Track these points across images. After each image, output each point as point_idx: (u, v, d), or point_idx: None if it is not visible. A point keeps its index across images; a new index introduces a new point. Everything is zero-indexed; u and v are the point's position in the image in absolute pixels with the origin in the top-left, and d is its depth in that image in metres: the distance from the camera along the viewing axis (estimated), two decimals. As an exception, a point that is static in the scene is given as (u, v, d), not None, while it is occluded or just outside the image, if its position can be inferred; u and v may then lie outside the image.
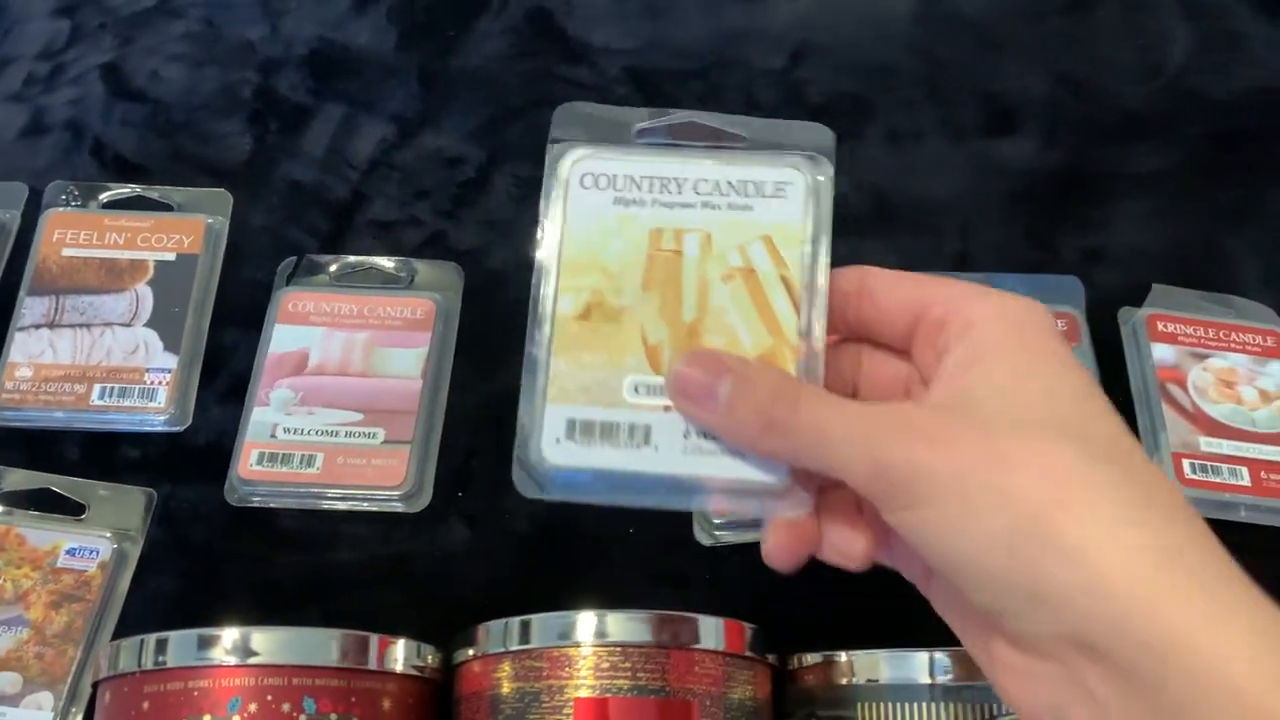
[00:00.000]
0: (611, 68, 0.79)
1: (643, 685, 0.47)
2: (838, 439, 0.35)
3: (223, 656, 0.46)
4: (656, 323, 0.40)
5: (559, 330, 0.40)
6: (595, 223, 0.41)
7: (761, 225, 0.41)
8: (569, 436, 0.39)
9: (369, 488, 0.59)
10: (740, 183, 0.42)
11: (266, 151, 0.73)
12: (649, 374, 0.39)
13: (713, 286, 0.40)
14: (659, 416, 0.39)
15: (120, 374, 0.62)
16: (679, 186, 0.42)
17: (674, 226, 0.41)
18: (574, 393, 0.39)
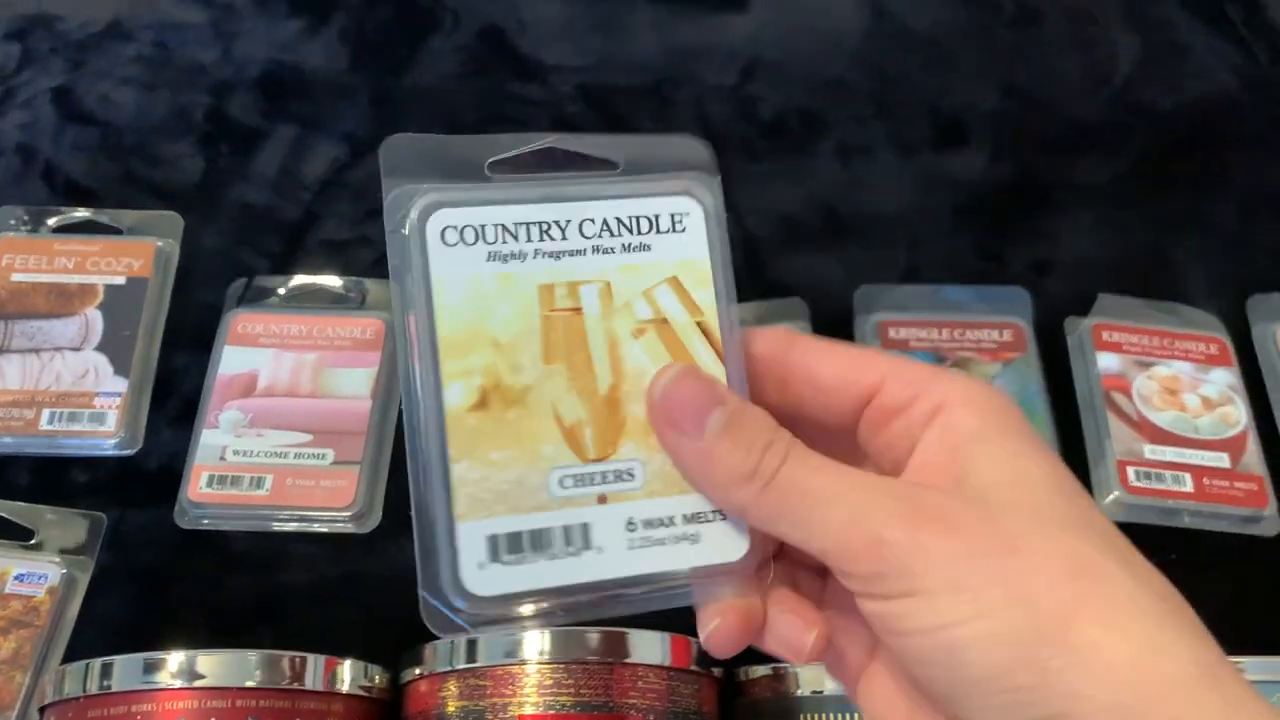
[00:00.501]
0: (564, 85, 0.80)
1: (586, 701, 0.47)
2: (829, 505, 0.30)
3: (167, 680, 0.46)
4: (569, 398, 0.34)
5: (453, 428, 0.33)
6: (470, 287, 0.33)
7: (665, 265, 0.35)
8: (494, 558, 0.32)
9: (319, 509, 0.59)
10: (632, 218, 0.35)
11: (218, 173, 0.73)
12: (574, 461, 0.33)
13: (624, 344, 0.34)
14: (595, 510, 0.33)
15: (70, 398, 0.62)
16: (562, 230, 0.35)
17: (566, 279, 0.34)
18: (489, 502, 0.32)
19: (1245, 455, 0.64)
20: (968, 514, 0.30)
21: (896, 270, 0.73)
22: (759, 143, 0.79)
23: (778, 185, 0.77)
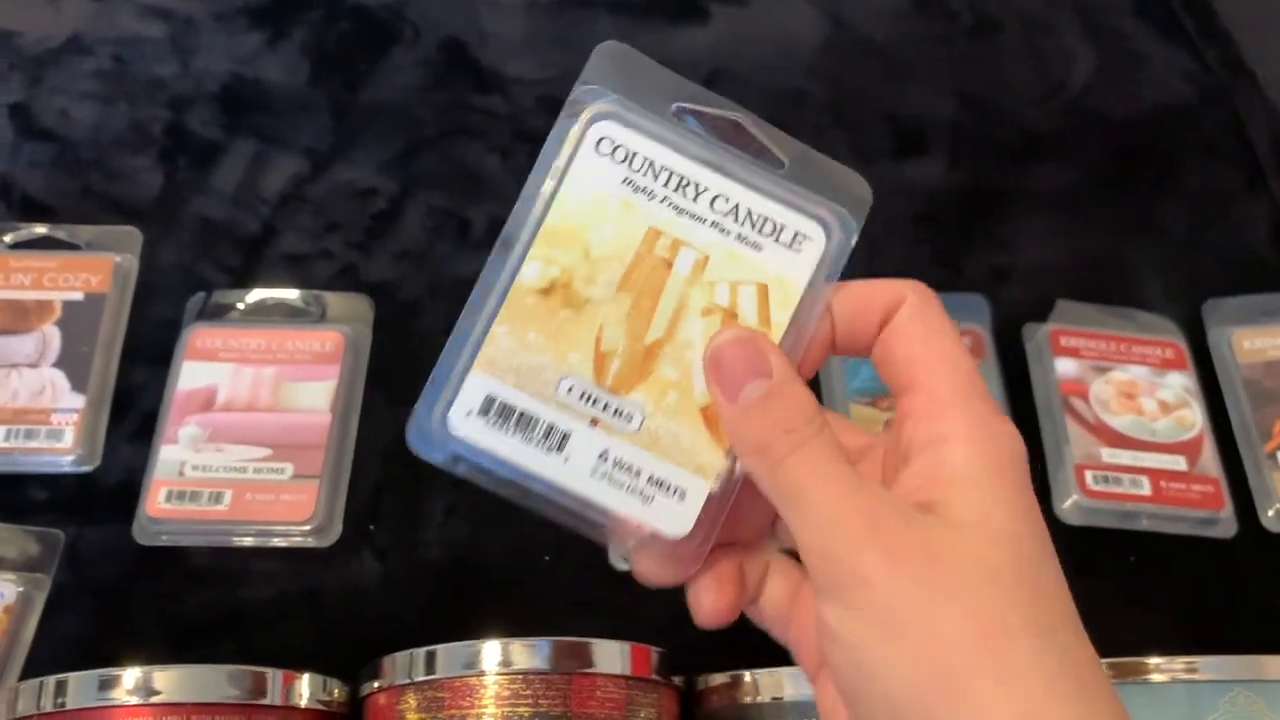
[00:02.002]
0: (525, 98, 0.80)
1: (544, 712, 0.47)
2: (808, 507, 0.32)
3: (124, 696, 0.46)
4: (617, 329, 0.36)
5: (513, 296, 0.36)
6: (595, 196, 0.36)
7: (764, 270, 0.37)
8: (482, 412, 0.35)
9: (278, 523, 0.59)
10: (760, 217, 0.37)
11: (177, 188, 0.73)
12: (588, 379, 0.36)
13: (689, 313, 0.36)
14: (582, 428, 0.35)
15: (27, 415, 0.62)
16: (697, 193, 0.37)
17: (675, 234, 0.37)
18: (504, 369, 0.35)
19: (1202, 458, 0.65)
20: (919, 552, 0.31)
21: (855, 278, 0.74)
22: (719, 153, 0.79)
23: (738, 195, 0.77)
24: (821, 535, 0.32)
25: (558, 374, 0.35)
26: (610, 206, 0.36)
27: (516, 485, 0.35)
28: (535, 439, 0.35)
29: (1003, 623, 0.30)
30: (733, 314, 0.36)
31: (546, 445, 0.35)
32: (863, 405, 0.66)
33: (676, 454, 0.36)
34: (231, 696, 0.47)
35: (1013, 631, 0.30)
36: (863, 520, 0.32)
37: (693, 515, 0.35)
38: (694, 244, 0.37)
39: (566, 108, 0.37)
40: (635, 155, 0.37)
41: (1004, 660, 0.30)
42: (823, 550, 0.32)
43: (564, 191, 0.36)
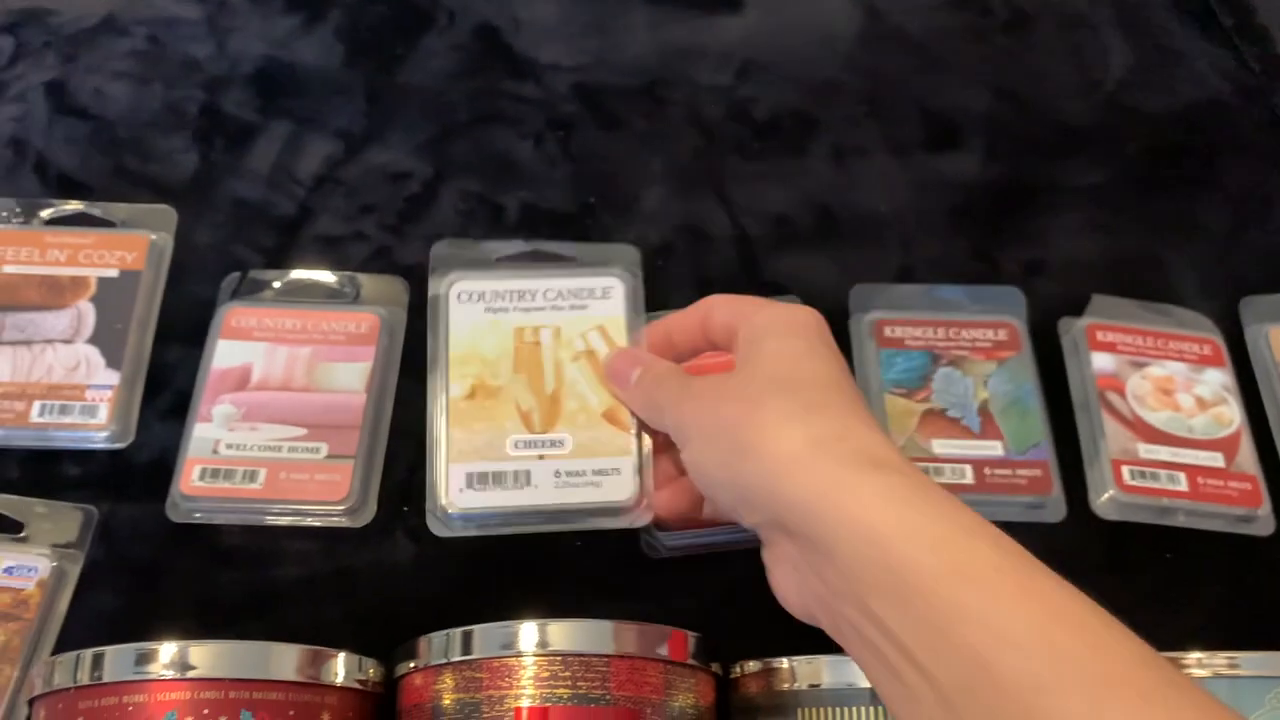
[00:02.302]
0: (559, 85, 0.80)
1: (583, 694, 0.47)
2: (664, 404, 0.50)
3: (159, 671, 0.45)
4: (526, 395, 0.55)
5: (452, 408, 0.55)
6: (472, 326, 0.56)
7: (596, 318, 0.57)
8: (469, 486, 0.53)
9: (312, 503, 0.59)
10: (577, 289, 0.57)
11: (211, 169, 0.73)
12: (525, 433, 0.54)
13: (565, 365, 0.56)
14: (536, 464, 0.53)
15: (61, 391, 0.61)
16: (533, 296, 0.57)
17: (532, 324, 0.57)
18: (469, 453, 0.53)
19: (1239, 455, 0.64)
20: (726, 389, 0.46)
21: (890, 270, 0.74)
22: (753, 143, 0.79)
23: (771, 185, 0.77)
24: (655, 408, 0.51)
25: (503, 438, 0.54)
26: (484, 327, 0.57)
27: (512, 520, 0.53)
28: (509, 485, 0.53)
29: (791, 405, 0.43)
30: (591, 351, 0.56)
31: (518, 484, 0.53)
32: (898, 396, 0.65)
33: (601, 450, 0.54)
34: (268, 673, 0.46)
35: (790, 412, 0.43)
36: (679, 388, 0.49)
37: (631, 480, 0.53)
38: (546, 324, 0.57)
39: (431, 288, 0.58)
40: (485, 292, 0.57)
41: (784, 420, 0.42)
42: (657, 415, 0.51)
43: (452, 333, 0.56)
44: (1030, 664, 0.34)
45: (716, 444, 0.45)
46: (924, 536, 0.37)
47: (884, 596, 0.37)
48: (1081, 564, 0.62)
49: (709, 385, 0.47)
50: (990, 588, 0.36)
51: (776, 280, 0.72)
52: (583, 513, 0.54)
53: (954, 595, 0.36)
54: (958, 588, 0.36)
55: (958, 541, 0.37)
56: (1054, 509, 0.63)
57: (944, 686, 0.36)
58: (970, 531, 0.37)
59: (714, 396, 0.46)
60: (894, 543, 0.37)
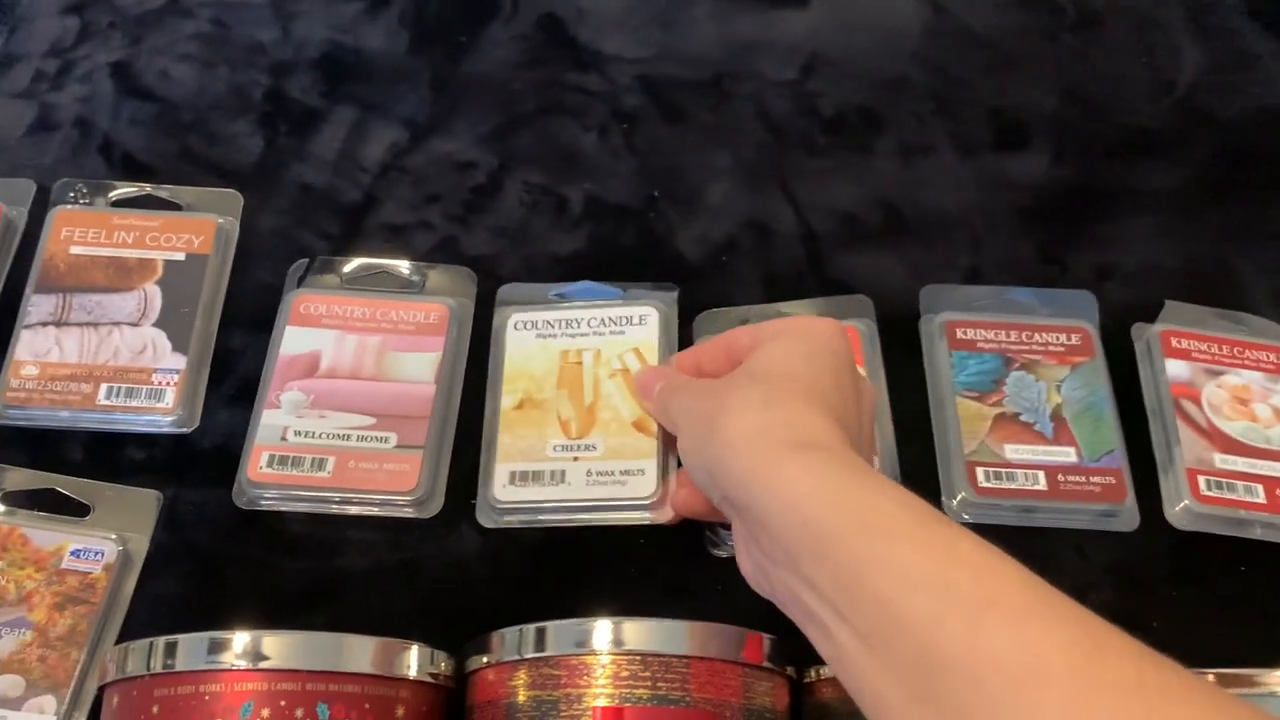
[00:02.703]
0: (623, 76, 0.79)
1: (663, 695, 0.46)
2: (670, 405, 0.55)
3: (234, 660, 0.45)
4: (567, 406, 0.62)
5: (504, 417, 0.62)
6: (524, 349, 0.64)
7: (633, 342, 0.64)
8: (511, 482, 0.60)
9: (381, 492, 0.58)
10: (617, 317, 0.65)
11: (276, 153, 0.73)
12: (563, 438, 0.61)
13: (602, 382, 0.63)
14: (570, 464, 0.60)
15: (128, 374, 0.61)
16: (579, 323, 0.65)
17: (576, 347, 0.64)
18: (514, 454, 0.60)
19: (1316, 467, 0.63)
20: (713, 385, 0.51)
21: (958, 270, 0.72)
22: (819, 139, 0.78)
23: (838, 182, 0.76)
24: (660, 408, 0.57)
25: (544, 442, 0.61)
26: (534, 350, 0.64)
27: (550, 512, 0.60)
28: (545, 482, 0.60)
29: (760, 397, 0.47)
30: (626, 369, 0.63)
31: (553, 482, 0.60)
32: (969, 399, 0.64)
33: (629, 453, 0.60)
34: (345, 665, 0.46)
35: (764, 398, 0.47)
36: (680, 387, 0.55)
37: (654, 479, 0.59)
38: (587, 348, 0.64)
39: (495, 321, 0.66)
40: (537, 321, 0.65)
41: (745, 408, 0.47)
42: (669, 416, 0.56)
43: (508, 355, 0.64)
44: (927, 600, 0.38)
45: (695, 430, 0.50)
46: (836, 499, 0.42)
47: (807, 556, 0.42)
48: (1153, 574, 0.61)
49: (702, 384, 0.53)
50: (892, 538, 0.40)
51: (841, 278, 0.71)
52: (609, 507, 0.59)
53: (862, 547, 0.40)
54: (865, 540, 0.40)
55: (866, 501, 0.41)
56: (1127, 518, 0.62)
57: (861, 630, 0.40)
58: (878, 492, 0.42)
59: (702, 392, 0.52)
60: (811, 507, 0.42)
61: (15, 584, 0.55)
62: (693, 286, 0.70)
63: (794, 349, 0.50)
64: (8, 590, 0.54)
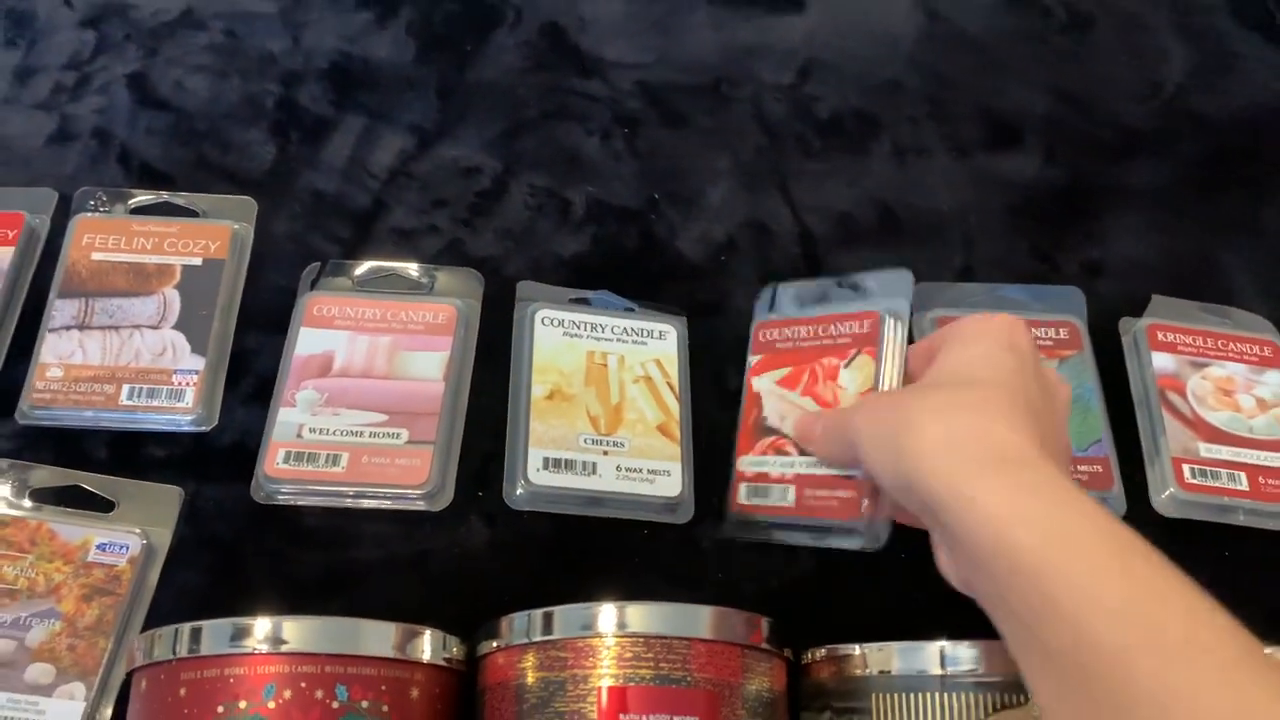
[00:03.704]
0: (624, 82, 0.81)
1: (665, 675, 0.48)
2: (845, 433, 0.52)
3: (257, 644, 0.47)
4: (595, 403, 0.65)
5: (534, 405, 0.64)
6: (552, 345, 0.67)
7: (654, 353, 0.68)
8: (545, 468, 0.62)
9: (393, 486, 0.61)
10: (639, 329, 0.69)
11: (288, 161, 0.75)
12: (593, 432, 0.64)
13: (628, 385, 0.66)
14: (600, 458, 0.63)
15: (149, 375, 0.63)
16: (603, 329, 0.68)
17: (601, 350, 0.67)
18: (546, 441, 0.63)
19: (1299, 456, 0.65)
20: (893, 397, 0.53)
21: (951, 269, 0.75)
22: (815, 141, 0.80)
23: (834, 183, 0.78)
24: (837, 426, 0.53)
25: (575, 434, 0.64)
26: (562, 347, 0.67)
27: (580, 502, 0.63)
28: (579, 471, 0.63)
29: (915, 406, 0.47)
30: (649, 378, 0.67)
31: (585, 472, 0.63)
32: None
33: (655, 454, 0.64)
34: (363, 649, 0.48)
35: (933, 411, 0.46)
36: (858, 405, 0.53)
37: (678, 481, 0.63)
38: (612, 352, 0.67)
39: (519, 314, 0.68)
40: (563, 319, 0.68)
41: (938, 412, 0.46)
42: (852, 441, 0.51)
43: (536, 348, 0.66)
44: (1119, 628, 0.38)
45: (881, 446, 0.48)
46: (1030, 520, 0.41)
47: (1000, 573, 0.41)
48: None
49: (878, 397, 0.53)
50: (1088, 562, 0.39)
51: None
52: (638, 503, 0.63)
53: (1055, 569, 0.40)
54: (1059, 563, 0.40)
55: (1062, 524, 0.41)
56: (1114, 505, 0.64)
57: (1050, 649, 0.40)
58: (1077, 515, 0.41)
59: (883, 405, 0.51)
60: (1004, 528, 0.41)
61: (45, 576, 0.57)
62: (693, 286, 0.72)
63: (973, 352, 0.49)
64: (37, 583, 0.57)
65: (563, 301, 0.69)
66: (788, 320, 0.61)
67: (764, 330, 0.61)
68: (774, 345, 0.61)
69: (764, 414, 0.59)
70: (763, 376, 0.60)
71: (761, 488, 0.57)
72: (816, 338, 0.59)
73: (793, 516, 0.55)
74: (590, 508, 0.63)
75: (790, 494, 0.56)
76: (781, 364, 0.60)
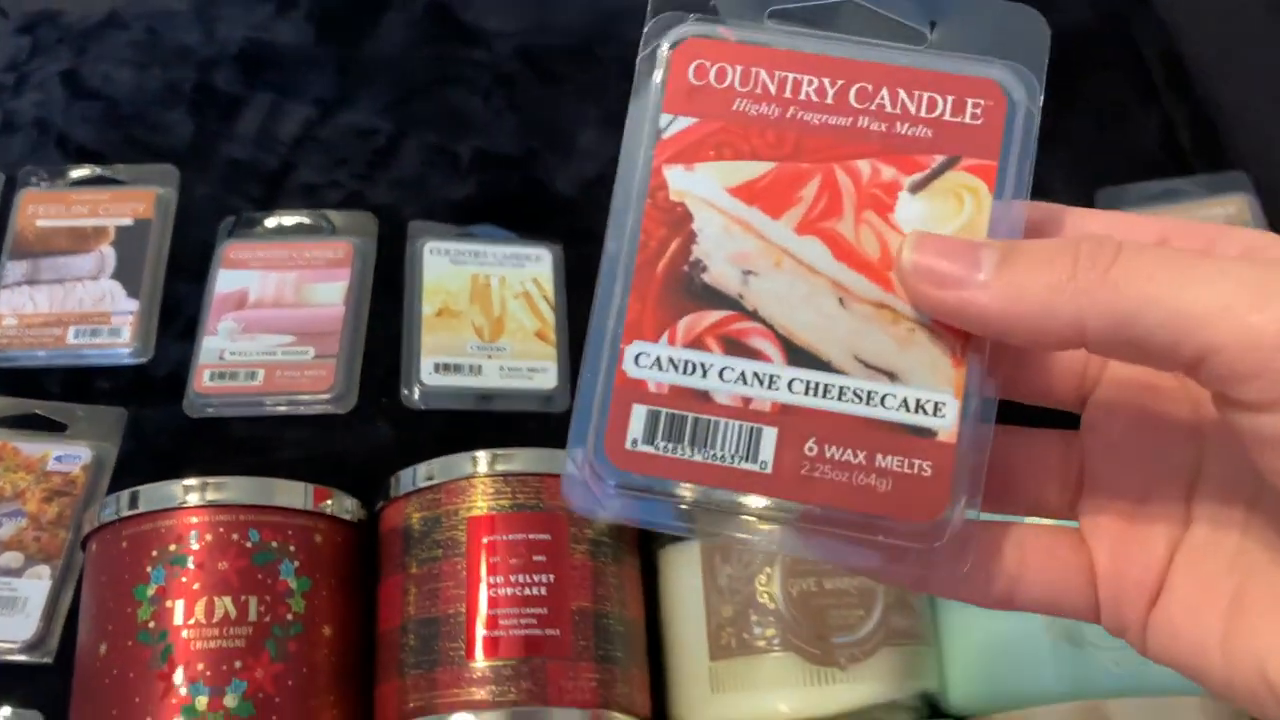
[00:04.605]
0: (504, 48, 0.92)
1: (521, 503, 0.58)
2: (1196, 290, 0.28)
3: (184, 499, 0.57)
4: (479, 317, 0.74)
5: (425, 320, 0.74)
6: (439, 270, 0.76)
7: (532, 274, 0.77)
8: (436, 371, 0.72)
9: (304, 393, 0.71)
10: (518, 254, 0.78)
11: (207, 135, 0.85)
12: (478, 340, 0.73)
13: (509, 301, 0.75)
14: (485, 361, 0.73)
15: (91, 318, 0.74)
16: (485, 255, 0.77)
17: (485, 273, 0.76)
18: (436, 350, 0.73)
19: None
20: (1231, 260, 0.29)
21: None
22: (675, 89, 0.91)
23: (692, 123, 0.89)
24: (1236, 319, 0.27)
25: (463, 342, 0.75)
26: (449, 272, 0.79)
27: (470, 397, 0.74)
28: (465, 373, 0.74)
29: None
30: (527, 293, 0.77)
31: (472, 374, 0.74)
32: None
33: (533, 355, 0.76)
34: (271, 501, 0.58)
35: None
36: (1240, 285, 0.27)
37: (554, 377, 0.74)
38: (494, 274, 0.79)
39: (410, 245, 0.80)
40: (450, 249, 0.80)
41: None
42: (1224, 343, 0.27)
43: (425, 272, 0.78)
44: None
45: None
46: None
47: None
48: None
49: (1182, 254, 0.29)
50: None
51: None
52: (520, 396, 0.73)
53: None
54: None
55: None
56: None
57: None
58: None
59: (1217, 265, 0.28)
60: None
61: (11, 485, 0.67)
62: (569, 219, 0.83)
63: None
64: (4, 490, 0.67)
65: (452, 234, 0.80)
66: (790, 56, 0.34)
67: (708, 69, 0.35)
68: (739, 113, 0.34)
69: (698, 254, 0.33)
70: (698, 170, 0.34)
71: (692, 423, 0.32)
72: (849, 114, 0.33)
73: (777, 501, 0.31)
74: (480, 404, 0.73)
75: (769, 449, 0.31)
76: (752, 153, 0.34)
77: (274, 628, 0.56)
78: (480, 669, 0.55)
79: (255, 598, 0.56)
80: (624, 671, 0.58)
